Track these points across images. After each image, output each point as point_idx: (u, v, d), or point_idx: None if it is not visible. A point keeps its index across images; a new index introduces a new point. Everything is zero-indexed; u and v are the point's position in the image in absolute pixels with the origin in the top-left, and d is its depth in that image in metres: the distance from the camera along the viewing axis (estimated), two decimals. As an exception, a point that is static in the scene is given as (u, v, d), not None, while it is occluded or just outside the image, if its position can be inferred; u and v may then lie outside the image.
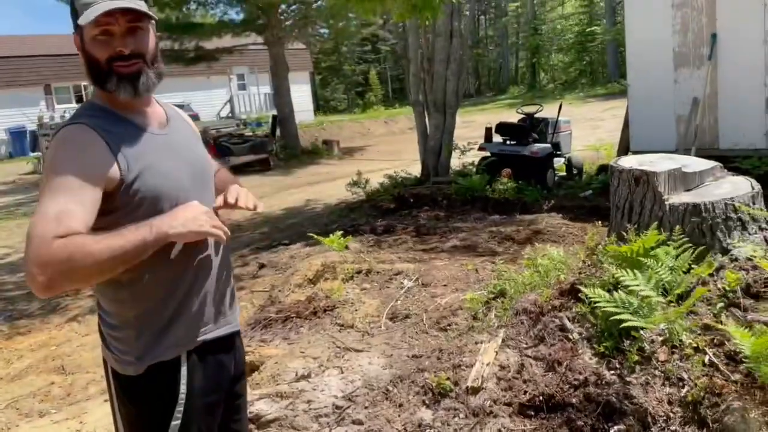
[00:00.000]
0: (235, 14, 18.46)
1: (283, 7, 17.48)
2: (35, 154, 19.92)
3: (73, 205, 1.39)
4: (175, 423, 1.58)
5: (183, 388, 1.59)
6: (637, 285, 2.51)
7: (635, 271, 2.57)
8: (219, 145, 15.18)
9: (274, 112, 18.80)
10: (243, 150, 15.38)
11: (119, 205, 1.49)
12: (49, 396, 3.98)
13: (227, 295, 1.76)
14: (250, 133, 18.06)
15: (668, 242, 2.77)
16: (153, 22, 1.61)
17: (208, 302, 1.67)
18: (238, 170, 15.08)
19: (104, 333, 1.64)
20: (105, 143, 1.48)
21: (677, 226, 2.85)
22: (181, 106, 1.71)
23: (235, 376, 1.81)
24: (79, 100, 25.72)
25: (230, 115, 27.31)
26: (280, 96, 17.93)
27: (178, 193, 1.57)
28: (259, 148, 15.68)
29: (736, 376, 2.31)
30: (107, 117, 1.55)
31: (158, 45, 1.65)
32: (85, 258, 1.33)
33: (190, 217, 1.46)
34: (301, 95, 26.66)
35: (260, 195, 11.61)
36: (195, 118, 23.49)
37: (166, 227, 1.42)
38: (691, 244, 2.77)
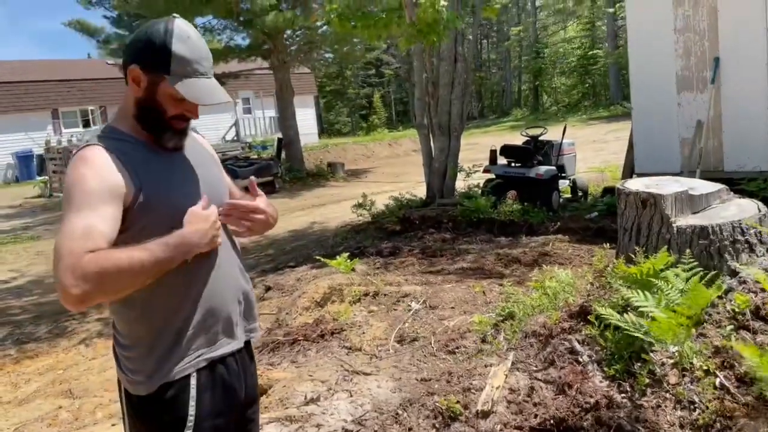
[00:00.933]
0: (241, 40, 18.68)
1: (289, 32, 17.70)
2: (42, 177, 20.06)
3: (97, 220, 1.45)
4: None
5: (192, 410, 1.61)
6: (647, 306, 2.51)
7: (645, 292, 2.58)
8: (225, 167, 15.25)
9: (279, 135, 18.94)
10: (248, 173, 15.45)
11: (133, 223, 1.54)
12: (57, 420, 3.97)
13: (240, 311, 1.77)
14: (256, 156, 18.19)
15: (677, 264, 2.77)
16: None
17: (218, 320, 1.69)
18: (244, 192, 15.16)
19: (118, 353, 1.67)
20: (121, 163, 1.54)
21: (687, 249, 2.87)
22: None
23: (247, 400, 1.81)
24: (86, 124, 25.98)
25: (236, 138, 27.52)
26: (285, 119, 18.07)
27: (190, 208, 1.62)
28: (265, 170, 15.77)
29: (747, 398, 2.30)
30: (125, 141, 1.61)
31: None
32: (115, 270, 1.40)
33: (203, 233, 1.56)
34: (305, 118, 26.87)
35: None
36: (201, 141, 23.68)
37: (190, 244, 1.53)
38: (699, 268, 2.78)
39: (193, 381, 1.62)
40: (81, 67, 27.99)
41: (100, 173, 1.50)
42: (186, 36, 1.59)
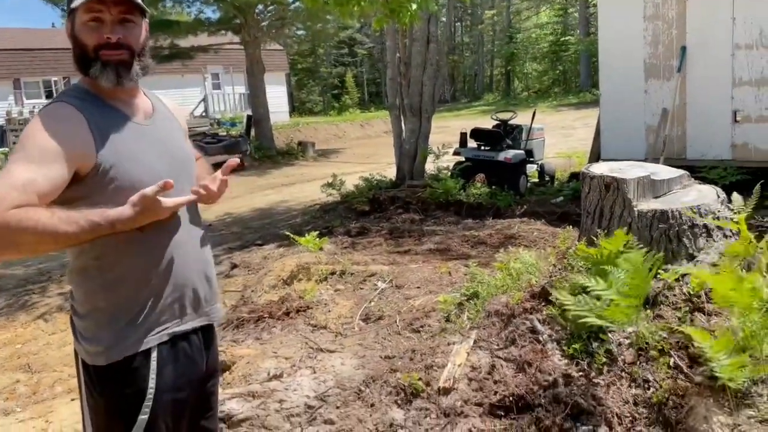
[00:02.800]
0: (212, 13, 18.30)
1: (260, 7, 17.41)
2: (2, 149, 19.50)
3: (40, 178, 1.39)
4: (143, 417, 1.57)
5: (152, 383, 1.59)
6: (604, 290, 2.56)
7: (600, 278, 2.63)
8: (193, 143, 15.04)
9: (249, 112, 18.70)
10: (217, 149, 15.26)
11: (91, 192, 1.49)
12: (15, 394, 3.91)
13: (204, 288, 1.74)
14: (224, 133, 17.95)
15: (636, 247, 2.83)
16: (145, 17, 1.63)
17: (182, 295, 1.66)
18: (212, 170, 14.97)
19: (75, 323, 1.64)
20: (86, 122, 1.50)
21: (645, 232, 2.93)
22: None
23: (207, 374, 1.80)
24: (48, 95, 25.22)
25: (204, 114, 27.08)
26: (256, 96, 17.83)
27: (152, 183, 1.52)
28: (233, 148, 15.57)
29: (699, 378, 2.37)
30: (92, 101, 1.56)
31: (148, 40, 1.66)
32: (33, 228, 1.33)
33: (147, 205, 1.45)
34: (276, 96, 26.56)
35: (234, 195, 11.49)
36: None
37: (121, 215, 1.42)
38: (657, 250, 2.84)
39: (154, 354, 1.60)
40: (44, 36, 27.07)
41: (62, 132, 1.45)
42: None
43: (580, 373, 2.59)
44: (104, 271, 1.55)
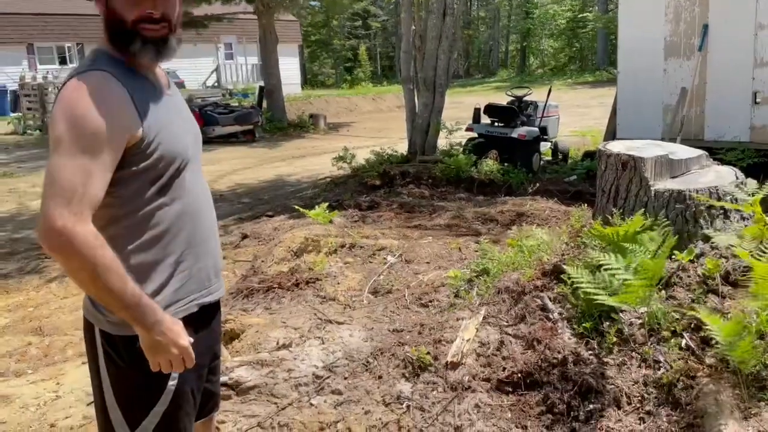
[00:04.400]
0: (226, -19, 18.06)
1: (275, -24, 17.20)
2: (16, 114, 19.53)
3: (99, 165, 1.39)
4: (172, 383, 1.58)
5: None
6: (618, 268, 2.54)
7: (617, 254, 2.60)
8: (204, 114, 15.01)
9: (261, 83, 18.58)
10: (228, 120, 15.22)
11: (133, 160, 1.47)
12: (26, 356, 3.95)
13: (219, 261, 1.76)
14: (236, 104, 17.87)
15: (652, 228, 2.80)
16: None
17: (208, 262, 1.68)
18: (224, 140, 14.97)
19: None
20: (130, 97, 1.45)
21: (661, 212, 2.89)
22: (167, 73, 1.69)
23: (217, 337, 1.86)
24: (62, 61, 25.22)
25: (216, 84, 26.97)
26: (268, 67, 17.70)
27: (183, 153, 1.58)
28: (245, 119, 15.53)
29: (710, 360, 2.36)
30: (126, 71, 1.50)
31: (182, 8, 1.61)
32: (96, 268, 1.37)
33: (169, 341, 1.49)
34: (289, 68, 26.34)
35: (245, 166, 11.49)
36: (181, 85, 23.21)
37: (156, 331, 1.46)
38: (673, 230, 2.81)
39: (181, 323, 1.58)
40: (58, 1, 26.99)
41: (112, 111, 1.40)
42: None
43: (590, 352, 2.57)
44: (133, 239, 1.53)
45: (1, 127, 18.89)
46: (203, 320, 1.70)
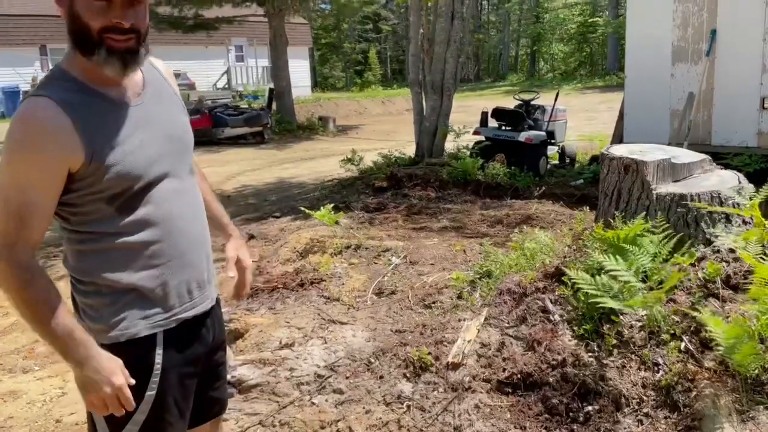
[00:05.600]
0: (237, -17, 18.19)
1: (286, -21, 17.29)
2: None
3: (38, 195, 1.39)
4: (150, 393, 1.55)
5: (158, 359, 1.55)
6: (619, 270, 2.55)
7: (618, 256, 2.62)
8: (214, 115, 15.12)
9: (271, 85, 18.68)
10: (238, 122, 15.32)
11: (83, 184, 1.44)
12: (33, 353, 4.00)
13: (205, 269, 1.68)
14: (246, 106, 17.97)
15: (653, 231, 2.81)
16: None
17: (191, 275, 1.61)
18: (233, 142, 15.06)
19: (77, 300, 1.57)
20: (70, 122, 1.39)
21: (662, 215, 2.90)
22: (177, 75, 1.63)
23: (214, 345, 1.76)
24: (74, 62, 25.40)
25: (227, 86, 27.12)
26: (278, 70, 17.79)
27: (148, 168, 1.50)
28: (255, 120, 15.61)
29: (709, 363, 2.36)
30: (78, 90, 1.44)
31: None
32: (31, 307, 1.39)
33: (101, 379, 1.44)
34: (299, 70, 26.48)
35: (253, 168, 11.50)
36: (191, 87, 23.36)
37: (89, 366, 1.43)
38: (674, 234, 2.82)
39: (160, 337, 1.56)
40: (71, 3, 27.20)
41: (46, 142, 1.37)
42: None
43: (590, 354, 2.59)
44: (100, 259, 1.50)
45: (14, 127, 19.06)
46: (188, 333, 1.63)
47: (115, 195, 1.46)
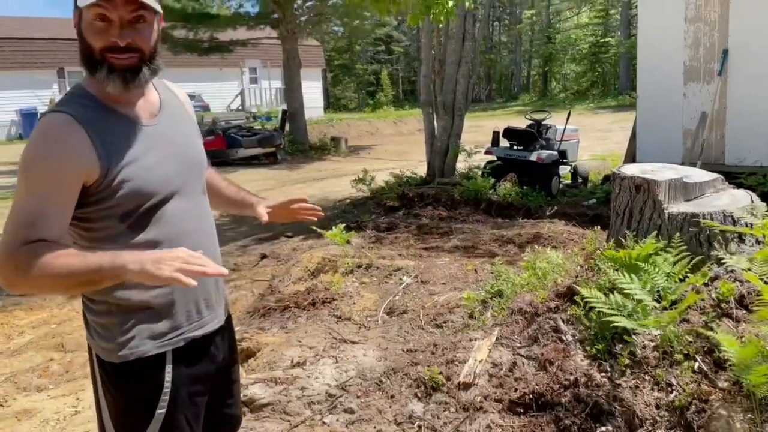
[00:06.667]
0: (251, 7, 18.56)
1: (299, 2, 17.55)
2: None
3: (50, 207, 1.40)
4: (161, 411, 1.56)
5: (168, 377, 1.57)
6: (632, 288, 2.54)
7: (631, 274, 2.61)
8: (228, 136, 15.28)
9: (284, 106, 18.87)
10: (251, 143, 15.46)
11: (97, 199, 1.46)
12: (48, 372, 4.03)
13: (214, 289, 1.70)
14: (260, 127, 18.15)
15: (666, 250, 2.80)
16: (158, 15, 1.52)
17: (199, 295, 1.63)
18: (246, 162, 15.19)
19: (88, 319, 1.60)
20: (87, 136, 1.43)
21: (675, 235, 2.89)
22: (192, 97, 1.67)
23: (226, 362, 1.78)
24: (91, 84, 25.84)
25: (240, 107, 27.43)
26: (291, 91, 17.99)
27: (161, 186, 1.53)
28: (268, 141, 15.75)
29: (723, 384, 2.34)
30: (95, 107, 1.48)
31: (159, 40, 1.55)
32: (42, 271, 1.34)
33: (155, 258, 1.34)
34: (312, 91, 26.75)
35: (266, 188, 11.57)
36: (205, 108, 23.64)
37: (126, 262, 1.34)
38: (688, 253, 2.80)
39: (169, 355, 1.58)
40: (89, 27, 27.75)
41: (62, 153, 1.40)
42: None
43: (603, 374, 2.57)
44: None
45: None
46: (197, 352, 1.65)
47: (127, 212, 1.48)
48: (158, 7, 1.49)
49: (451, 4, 7.05)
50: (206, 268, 1.35)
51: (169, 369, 1.57)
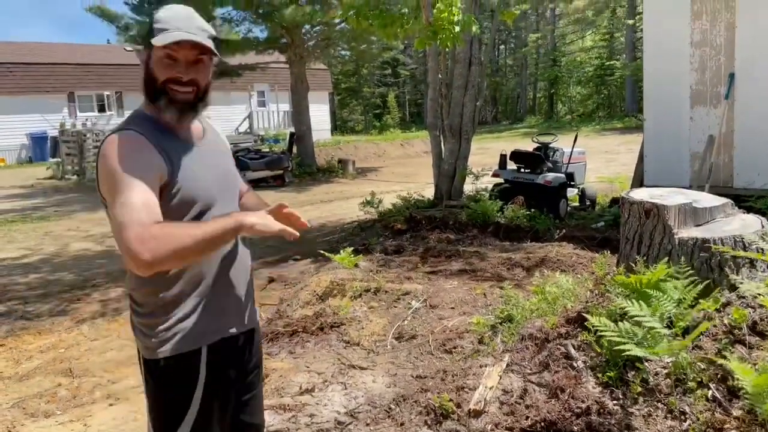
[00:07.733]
0: (260, 32, 18.73)
1: (307, 27, 17.75)
2: (55, 159, 20.22)
3: (150, 195, 1.56)
4: (194, 409, 1.71)
5: (203, 373, 1.73)
6: (643, 316, 2.52)
7: (641, 302, 2.59)
8: (236, 159, 15.34)
9: (292, 129, 18.99)
10: (259, 165, 15.55)
11: (163, 202, 1.62)
12: (56, 397, 4.02)
13: (248, 294, 1.89)
14: (267, 149, 18.26)
15: (676, 276, 2.78)
16: (214, 59, 1.75)
17: (231, 299, 1.82)
18: (254, 185, 15.26)
19: (135, 322, 1.78)
20: (155, 148, 1.64)
21: (686, 260, 2.87)
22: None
23: (250, 368, 1.93)
24: (101, 108, 26.16)
25: (248, 130, 27.63)
26: (299, 114, 18.12)
27: (208, 199, 1.73)
28: (276, 164, 15.84)
29: (737, 412, 2.31)
30: (154, 128, 1.69)
31: (211, 77, 1.79)
32: (183, 237, 1.50)
33: (260, 215, 1.62)
34: (319, 114, 26.95)
35: (274, 210, 11.55)
36: (214, 131, 23.78)
37: (244, 217, 1.58)
38: (698, 279, 2.78)
39: (204, 352, 1.74)
40: (99, 52, 28.18)
41: (140, 152, 1.61)
42: (170, 7, 1.71)
43: (615, 402, 2.54)
44: (159, 275, 1.64)
45: (41, 171, 19.56)
46: (230, 353, 1.81)
47: (181, 215, 1.67)
48: (217, 52, 1.73)
49: (457, 29, 7.12)
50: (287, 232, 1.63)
51: (203, 366, 1.73)
